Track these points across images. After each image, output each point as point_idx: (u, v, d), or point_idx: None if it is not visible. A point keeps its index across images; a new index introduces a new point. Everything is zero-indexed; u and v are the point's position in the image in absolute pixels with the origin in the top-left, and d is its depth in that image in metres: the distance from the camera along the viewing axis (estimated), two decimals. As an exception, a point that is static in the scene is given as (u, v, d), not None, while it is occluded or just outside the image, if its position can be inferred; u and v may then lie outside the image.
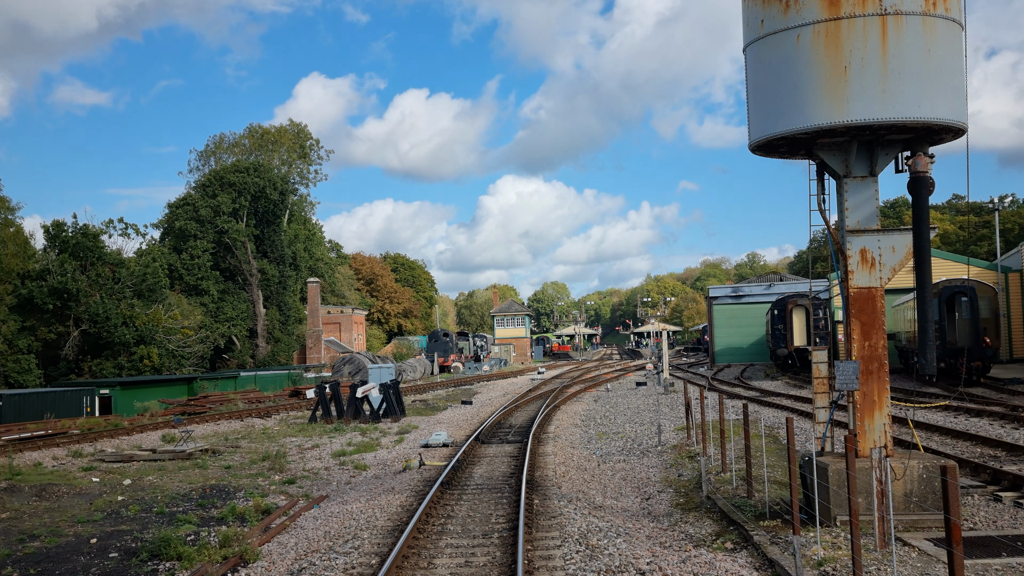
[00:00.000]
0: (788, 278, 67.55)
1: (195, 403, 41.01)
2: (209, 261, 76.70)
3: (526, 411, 35.35)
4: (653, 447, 22.38)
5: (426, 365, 73.10)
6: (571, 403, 38.50)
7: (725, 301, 63.73)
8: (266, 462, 24.05)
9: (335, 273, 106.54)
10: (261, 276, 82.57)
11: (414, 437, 28.21)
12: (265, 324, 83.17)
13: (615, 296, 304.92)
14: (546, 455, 22.16)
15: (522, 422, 30.79)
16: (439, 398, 47.52)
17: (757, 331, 62.52)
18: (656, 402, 35.56)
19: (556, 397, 40.99)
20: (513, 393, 47.71)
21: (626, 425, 28.29)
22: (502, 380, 64.21)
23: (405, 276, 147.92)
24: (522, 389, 50.98)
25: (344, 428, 31.85)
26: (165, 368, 61.15)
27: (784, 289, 62.43)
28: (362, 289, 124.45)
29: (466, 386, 58.22)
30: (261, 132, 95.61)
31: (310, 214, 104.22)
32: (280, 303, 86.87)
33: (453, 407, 40.56)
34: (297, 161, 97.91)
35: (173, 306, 64.44)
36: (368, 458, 23.87)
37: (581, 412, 34.01)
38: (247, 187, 78.87)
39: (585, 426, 29.06)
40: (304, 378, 61.52)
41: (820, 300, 45.52)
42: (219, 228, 77.13)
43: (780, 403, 30.53)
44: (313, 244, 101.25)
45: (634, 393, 42.02)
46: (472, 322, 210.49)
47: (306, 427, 32.72)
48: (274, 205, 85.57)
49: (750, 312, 62.79)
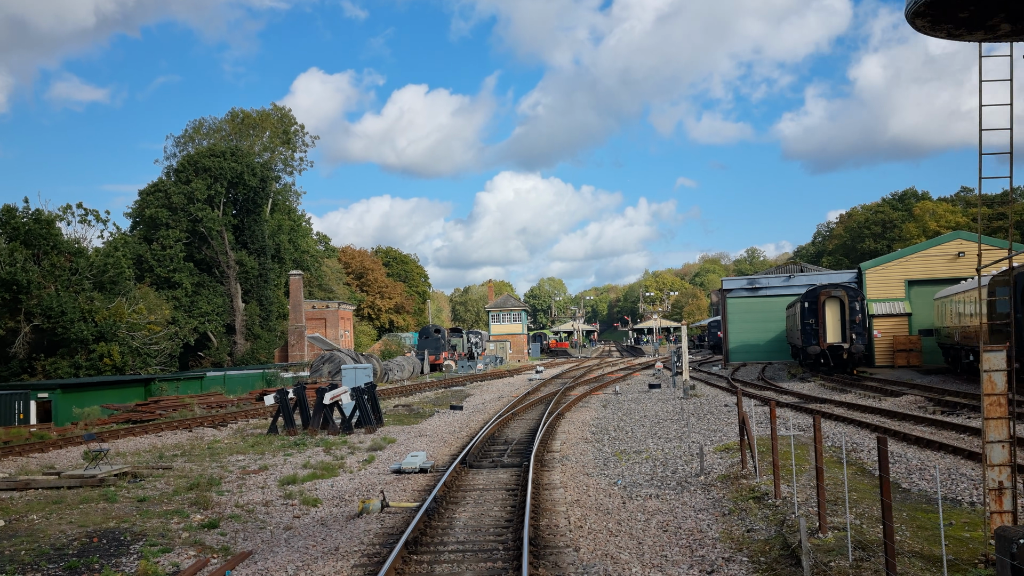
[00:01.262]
0: (809, 268, 62.32)
1: (144, 409, 35.65)
2: (182, 252, 71.31)
3: (525, 420, 30.07)
4: (692, 476, 17.11)
5: (415, 364, 67.78)
6: (577, 409, 33.21)
7: (740, 294, 58.46)
8: (193, 492, 18.78)
9: (322, 266, 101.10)
10: (239, 268, 77.17)
11: (387, 456, 22.91)
12: (244, 319, 77.80)
13: (612, 292, 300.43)
14: (553, 487, 16.89)
15: (520, 435, 25.51)
16: (426, 402, 42.22)
17: (776, 326, 57.28)
18: (678, 410, 30.27)
19: (559, 401, 35.76)
20: (509, 396, 42.45)
21: (649, 441, 23.00)
22: (497, 380, 58.92)
23: (397, 270, 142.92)
24: (520, 391, 45.72)
25: (307, 442, 26.56)
26: (128, 367, 55.77)
27: (805, 281, 57.17)
28: (352, 283, 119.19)
29: (458, 387, 52.93)
30: (242, 116, 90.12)
31: (295, 204, 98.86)
32: (261, 297, 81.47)
33: (441, 413, 35.28)
34: (280, 147, 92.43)
35: (138, 299, 59.04)
36: (323, 488, 18.55)
37: (590, 421, 28.74)
38: (223, 172, 73.44)
39: (597, 441, 23.78)
40: (280, 378, 56.14)
41: (855, 291, 40.24)
42: (193, 216, 71.70)
43: (833, 412, 25.27)
44: (298, 235, 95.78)
45: (648, 397, 36.74)
46: (467, 318, 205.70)
47: (262, 440, 27.41)
48: (254, 193, 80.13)
49: (768, 306, 57.53)
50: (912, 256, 45.56)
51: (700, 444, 20.02)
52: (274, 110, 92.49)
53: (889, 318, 43.75)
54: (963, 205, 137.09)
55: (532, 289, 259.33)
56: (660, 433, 24.26)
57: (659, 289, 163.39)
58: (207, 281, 74.47)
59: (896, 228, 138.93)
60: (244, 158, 76.00)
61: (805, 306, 40.12)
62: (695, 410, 29.41)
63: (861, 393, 31.88)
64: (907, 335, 43.66)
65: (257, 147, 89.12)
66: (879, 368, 43.42)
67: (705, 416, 27.40)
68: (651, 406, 32.46)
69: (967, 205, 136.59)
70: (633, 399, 36.46)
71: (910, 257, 45.50)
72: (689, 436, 22.76)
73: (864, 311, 39.71)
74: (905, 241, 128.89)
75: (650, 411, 30.65)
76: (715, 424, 25.02)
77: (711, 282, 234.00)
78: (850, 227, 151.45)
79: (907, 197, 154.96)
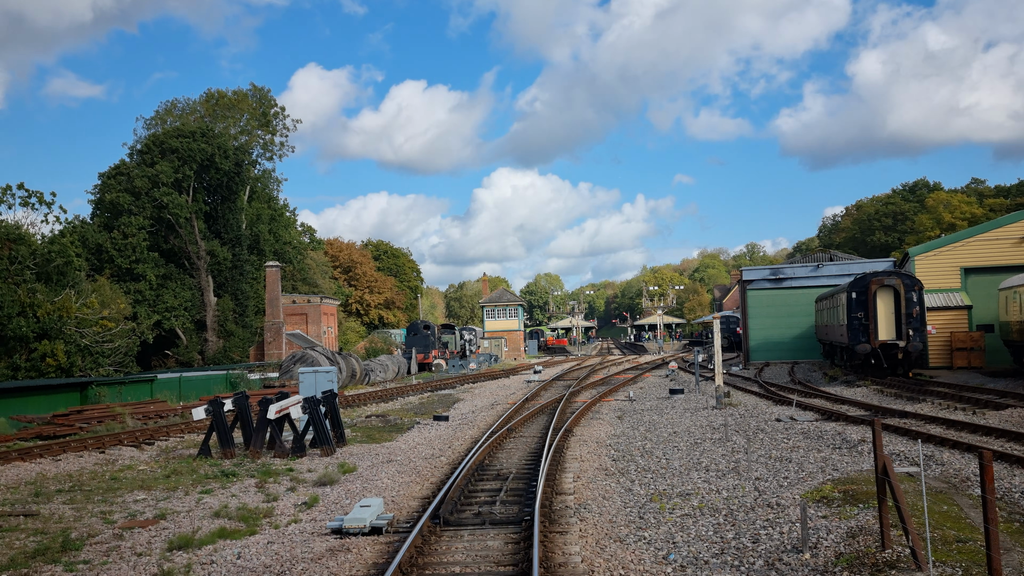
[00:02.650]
0: (839, 256, 56.22)
1: (62, 421, 29.43)
2: (146, 240, 64.94)
3: (524, 437, 23.96)
4: (789, 549, 10.97)
5: (401, 363, 61.61)
6: (587, 423, 27.07)
7: (762, 286, 52.34)
8: (40, 558, 12.73)
9: (305, 259, 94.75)
10: (211, 259, 70.86)
11: (336, 496, 16.77)
12: (216, 315, 71.52)
13: (609, 288, 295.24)
14: (572, 569, 10.75)
15: (519, 463, 19.39)
16: (407, 409, 36.07)
17: (802, 322, 51.22)
18: (716, 425, 24.14)
19: (564, 411, 29.67)
20: (504, 402, 36.32)
21: (694, 475, 16.86)
22: (492, 382, 52.79)
23: (388, 264, 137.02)
24: (516, 396, 39.62)
25: (240, 470, 20.42)
26: (77, 368, 49.56)
27: (836, 271, 51.12)
28: (339, 278, 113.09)
29: (446, 390, 46.79)
30: (218, 97, 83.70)
31: (276, 191, 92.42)
32: (236, 291, 75.21)
33: (422, 425, 29.16)
34: (259, 131, 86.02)
35: (90, 292, 52.73)
36: (222, 562, 12.39)
37: (607, 440, 22.60)
38: (192, 154, 67.09)
39: (623, 473, 17.66)
40: (247, 380, 49.94)
41: (912, 279, 34.14)
42: (158, 202, 65.37)
43: (928, 432, 19.15)
44: (280, 226, 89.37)
45: (670, 406, 30.60)
46: (462, 315, 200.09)
47: (185, 467, 21.25)
48: (228, 178, 73.81)
49: (793, 299, 51.47)
50: (969, 240, 39.47)
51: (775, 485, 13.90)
52: (252, 90, 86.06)
53: (944, 311, 37.68)
54: (977, 197, 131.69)
55: (528, 285, 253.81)
56: (706, 462, 18.11)
57: (656, 285, 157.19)
58: (175, 273, 68.18)
59: (908, 220, 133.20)
60: (216, 139, 69.64)
61: (852, 297, 34.00)
62: (739, 425, 23.27)
63: (939, 404, 25.78)
64: (967, 331, 37.60)
65: (234, 130, 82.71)
66: (935, 370, 37.35)
67: (756, 435, 21.25)
68: (679, 418, 26.32)
69: (981, 196, 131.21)
70: (653, 408, 30.32)
71: (967, 241, 39.40)
72: (750, 469, 16.64)
73: (922, 303, 33.61)
74: (918, 234, 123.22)
75: (680, 426, 24.52)
76: (776, 449, 18.89)
77: (711, 277, 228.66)
78: (859, 220, 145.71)
79: (918, 188, 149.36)
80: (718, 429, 23.04)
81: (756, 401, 29.94)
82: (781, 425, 22.34)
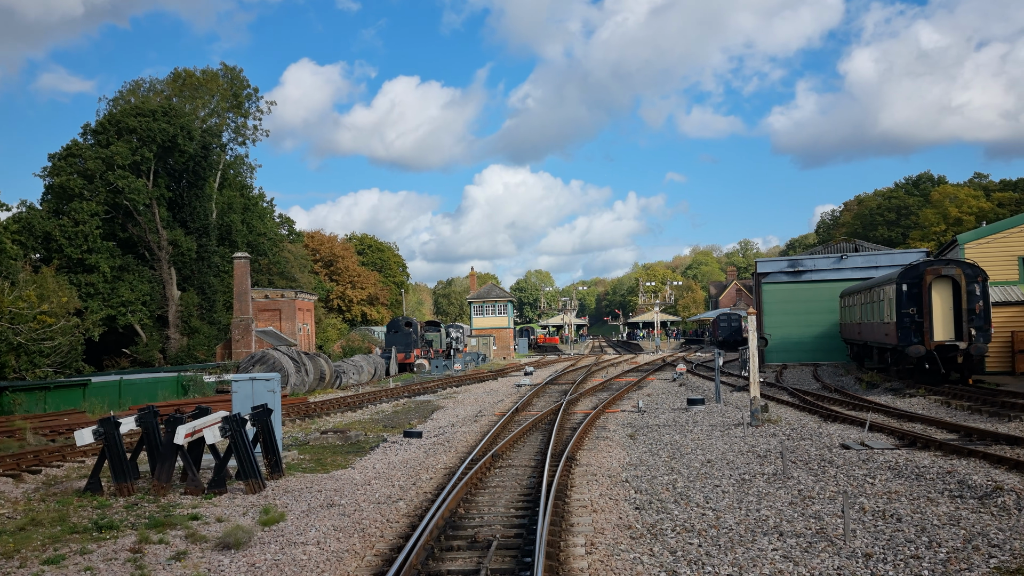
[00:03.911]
0: (866, 247, 50.89)
1: (-58, 439, 23.79)
2: (99, 228, 59.19)
3: (512, 467, 18.52)
4: None
5: (378, 364, 56.10)
6: (592, 445, 21.62)
7: (779, 279, 46.99)
8: None
9: (282, 251, 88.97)
10: (174, 250, 65.15)
11: (242, 567, 11.27)
12: (179, 310, 65.83)
13: (600, 286, 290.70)
14: None
15: (506, 515, 13.95)
16: (376, 421, 30.60)
17: (824, 319, 45.93)
18: (761, 450, 18.71)
19: (563, 426, 24.29)
20: (491, 412, 30.88)
21: (762, 542, 11.41)
22: (478, 386, 47.35)
23: (373, 259, 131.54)
24: (505, 404, 34.20)
25: (129, 516, 14.92)
26: (10, 369, 43.93)
27: (862, 262, 45.85)
28: (320, 272, 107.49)
29: (426, 395, 41.33)
30: (185, 76, 77.82)
31: (250, 178, 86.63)
32: (203, 284, 69.58)
33: (388, 445, 23.71)
34: (230, 113, 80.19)
35: (28, 284, 47.01)
36: None
37: (622, 475, 17.14)
38: (152, 134, 61.31)
39: (657, 538, 12.20)
40: (201, 383, 44.36)
41: (974, 269, 28.82)
42: (114, 186, 59.58)
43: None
44: (254, 216, 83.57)
45: (692, 421, 25.17)
46: (451, 312, 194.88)
47: (60, 508, 15.74)
48: (194, 162, 68.13)
49: (815, 294, 46.16)
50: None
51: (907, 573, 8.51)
52: (223, 70, 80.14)
53: (1004, 307, 32.41)
54: (983, 191, 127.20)
55: (519, 282, 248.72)
56: (771, 517, 12.67)
57: (649, 282, 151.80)
58: (132, 264, 62.45)
59: (912, 215, 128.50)
60: (179, 119, 63.82)
61: (902, 290, 28.66)
62: (793, 453, 17.84)
63: (1036, 421, 20.44)
64: (1031, 330, 32.30)
65: (203, 112, 76.86)
66: (995, 376, 32.03)
67: (824, 471, 15.82)
68: (708, 439, 20.89)
69: (987, 191, 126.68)
70: (671, 423, 24.88)
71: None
72: (847, 535, 11.20)
73: (986, 297, 28.29)
74: (923, 229, 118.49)
75: (713, 450, 19.11)
76: (868, 497, 13.47)
77: (704, 274, 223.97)
78: (860, 214, 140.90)
79: (922, 182, 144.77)
80: (766, 458, 17.64)
81: (797, 416, 24.52)
82: (854, 455, 16.92)
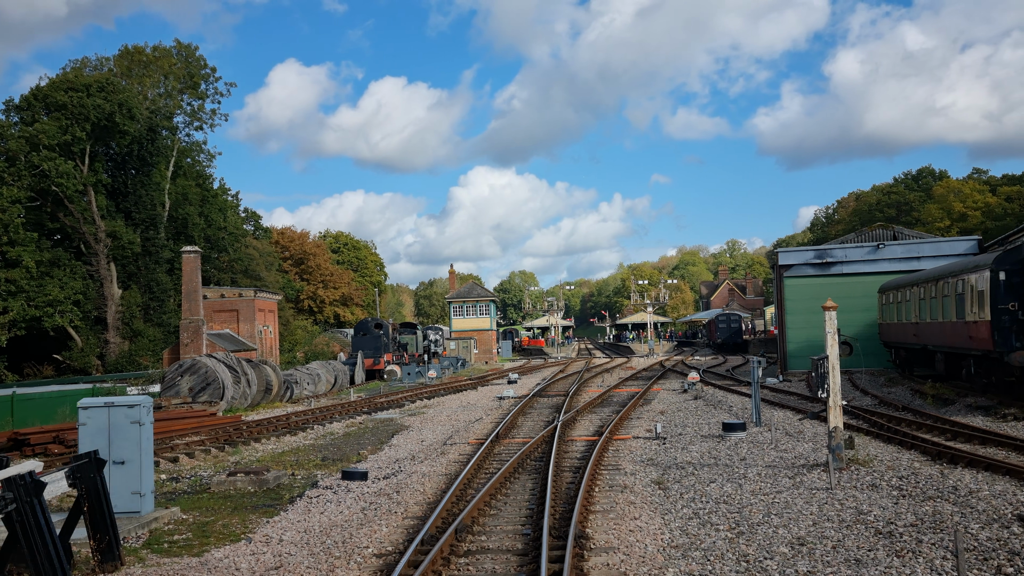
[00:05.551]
0: (906, 234, 44.29)
1: None
2: (22, 217, 51.90)
3: (489, 553, 11.66)
4: None
5: (340, 372, 49.08)
6: (607, 503, 14.78)
7: (804, 272, 40.34)
8: None
9: (245, 247, 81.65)
10: (114, 243, 57.87)
11: None
12: (120, 311, 58.55)
13: (585, 287, 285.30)
14: None
15: None
16: (316, 450, 23.66)
17: (858, 319, 39.34)
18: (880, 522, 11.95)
19: (559, 466, 17.51)
20: (464, 438, 24.00)
21: None
22: (454, 397, 40.48)
23: (349, 258, 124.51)
24: (484, 425, 27.35)
25: None
26: None
27: (902, 252, 39.29)
28: (290, 271, 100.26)
29: (389, 411, 34.36)
30: (135, 52, 70.47)
31: (208, 167, 79.30)
32: (150, 282, 62.37)
33: (315, 494, 16.82)
34: (186, 95, 72.88)
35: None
36: None
37: (666, 573, 10.24)
38: (85, 111, 54.00)
39: None
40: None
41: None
42: (40, 169, 52.25)
43: None
44: (213, 208, 76.21)
45: (737, 457, 18.35)
46: (432, 313, 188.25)
47: None
48: (139, 146, 60.91)
49: (847, 289, 39.54)
50: None
51: None
52: (177, 47, 72.80)
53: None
54: (989, 186, 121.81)
55: (502, 283, 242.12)
56: None
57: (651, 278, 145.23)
58: (64, 259, 55.13)
59: (914, 211, 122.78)
60: (117, 94, 56.53)
61: (1001, 279, 22.00)
62: (941, 531, 11.04)
63: None
64: None
65: (153, 93, 69.52)
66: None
67: None
68: (780, 496, 14.07)
69: (992, 186, 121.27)
70: (709, 460, 18.06)
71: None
72: None
73: (1107, 288, 21.67)
74: (926, 225, 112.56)
75: (801, 521, 12.30)
76: None
77: (692, 275, 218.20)
78: (858, 211, 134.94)
79: (923, 176, 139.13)
80: (900, 538, 10.85)
81: (888, 452, 17.70)
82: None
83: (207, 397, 34.08)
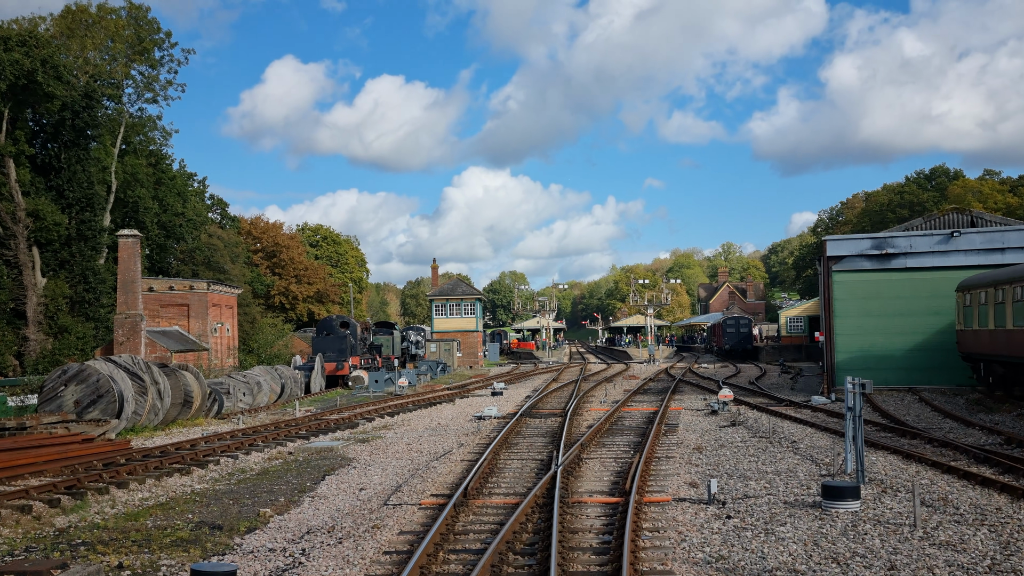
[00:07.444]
0: (985, 218, 36.77)
1: None
2: (-82, 190, 43.88)
3: None
4: None
5: (290, 379, 41.15)
6: None
7: (859, 265, 32.61)
8: None
9: (208, 236, 73.53)
10: (36, 224, 49.83)
11: None
12: (43, 303, 50.48)
13: (576, 289, 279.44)
14: None
15: None
16: (203, 505, 15.76)
17: (926, 324, 31.66)
18: None
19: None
20: (417, 492, 16.18)
21: None
22: (423, 413, 32.64)
23: (328, 253, 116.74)
24: (450, 466, 19.52)
25: None
26: None
27: (982, 243, 31.64)
28: (260, 264, 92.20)
29: (336, 434, 26.48)
30: (77, 11, 62.37)
31: (164, 146, 71.21)
32: (84, 271, 54.30)
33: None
34: (136, 61, 64.76)
35: None
36: None
37: None
38: (1, 67, 45.96)
39: None
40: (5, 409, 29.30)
41: None
42: (-58, 134, 44.22)
43: None
44: (170, 192, 68.14)
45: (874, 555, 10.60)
46: (419, 313, 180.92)
47: None
48: (73, 114, 52.84)
49: (912, 287, 31.92)
50: None
51: None
52: (129, 8, 64.61)
53: None
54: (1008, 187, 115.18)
55: (492, 283, 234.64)
56: None
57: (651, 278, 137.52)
58: (-27, 241, 47.12)
59: (927, 211, 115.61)
60: (40, 50, 48.47)
61: None
62: None
63: None
64: None
65: (94, 56, 61.42)
66: None
67: None
68: None
69: (1012, 186, 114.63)
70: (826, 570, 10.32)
71: None
72: None
73: None
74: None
75: None
76: None
77: (687, 277, 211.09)
78: (868, 211, 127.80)
79: (936, 175, 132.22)
80: None
81: None
82: None
83: (98, 413, 26.17)
